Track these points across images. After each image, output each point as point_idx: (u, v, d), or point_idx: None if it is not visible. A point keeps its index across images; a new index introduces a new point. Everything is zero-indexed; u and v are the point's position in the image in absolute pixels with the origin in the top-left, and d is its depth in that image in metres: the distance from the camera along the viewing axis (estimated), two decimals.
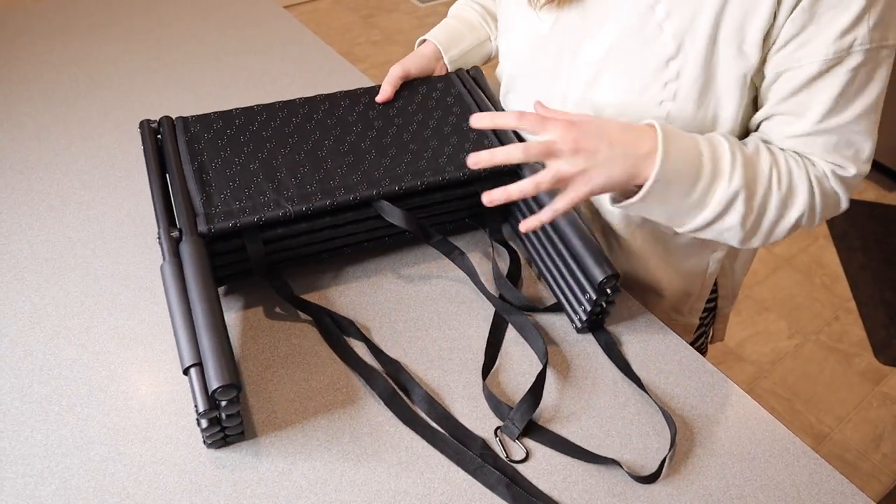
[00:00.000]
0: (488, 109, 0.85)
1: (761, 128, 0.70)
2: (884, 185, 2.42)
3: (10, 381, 0.71)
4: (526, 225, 0.66)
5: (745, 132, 0.73)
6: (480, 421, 0.70)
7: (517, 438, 0.68)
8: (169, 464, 0.65)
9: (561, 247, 0.75)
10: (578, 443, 0.68)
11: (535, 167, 0.77)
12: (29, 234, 0.88)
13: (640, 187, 0.64)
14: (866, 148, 0.67)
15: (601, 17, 0.70)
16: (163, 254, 0.68)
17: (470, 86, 0.90)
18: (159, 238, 0.69)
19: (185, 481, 0.63)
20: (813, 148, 0.67)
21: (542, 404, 0.71)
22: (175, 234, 0.69)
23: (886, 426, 1.71)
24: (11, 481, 0.63)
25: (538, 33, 0.76)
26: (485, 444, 0.67)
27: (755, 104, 0.71)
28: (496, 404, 0.70)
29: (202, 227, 0.70)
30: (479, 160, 0.63)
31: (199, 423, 0.62)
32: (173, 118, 0.82)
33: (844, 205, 0.70)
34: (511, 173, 0.81)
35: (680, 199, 0.65)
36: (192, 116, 0.82)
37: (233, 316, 0.78)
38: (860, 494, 0.65)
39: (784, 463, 0.67)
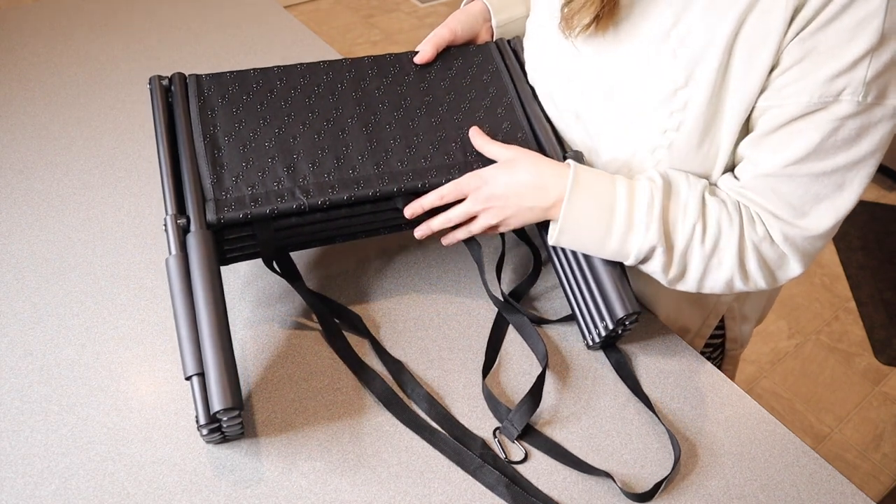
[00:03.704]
0: (524, 91, 0.80)
1: (737, 164, 0.67)
2: (884, 185, 2.42)
3: (10, 381, 0.71)
4: (447, 241, 0.76)
5: None
6: (480, 421, 0.70)
7: (516, 440, 0.68)
8: (169, 464, 0.65)
9: (586, 268, 0.72)
10: (577, 446, 0.68)
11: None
12: (29, 234, 0.88)
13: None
14: (838, 207, 0.61)
15: (620, 39, 0.68)
16: (168, 245, 0.65)
17: (510, 62, 0.83)
18: (165, 226, 0.66)
19: (185, 481, 0.63)
20: (772, 194, 0.63)
21: (543, 406, 0.71)
22: (182, 221, 0.66)
23: (886, 426, 1.71)
24: (11, 481, 0.63)
25: (558, 47, 0.75)
26: (484, 445, 0.67)
27: None
28: (495, 405, 0.70)
29: (211, 217, 0.66)
30: (414, 212, 0.72)
31: (199, 431, 0.61)
32: (186, 75, 0.75)
33: (797, 268, 0.65)
34: None
35: (598, 245, 0.67)
36: (207, 75, 0.75)
37: (234, 315, 0.78)
38: (860, 494, 0.65)
39: (784, 463, 0.67)
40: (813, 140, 0.58)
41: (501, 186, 0.69)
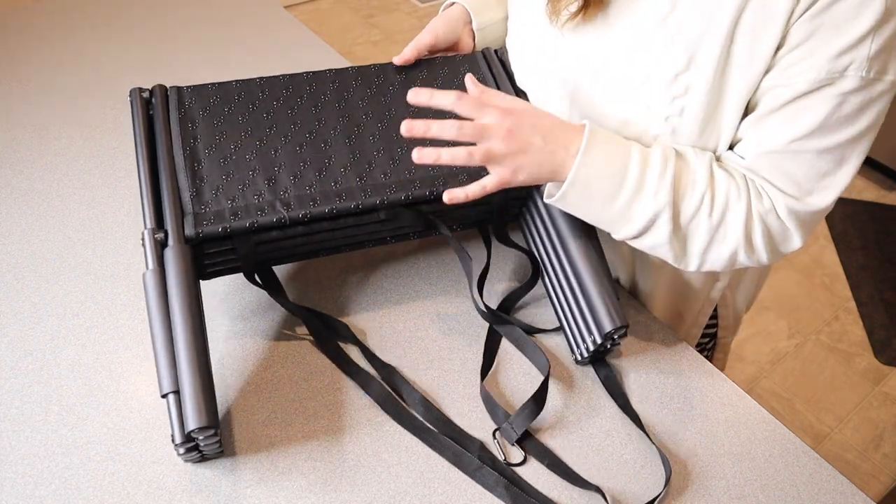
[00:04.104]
0: None
1: (737, 144, 0.67)
2: (884, 185, 2.41)
3: (10, 381, 0.71)
4: (450, 195, 0.64)
5: None
6: (477, 423, 0.70)
7: (514, 443, 0.68)
8: (169, 464, 0.65)
9: (574, 281, 0.71)
10: (570, 456, 0.67)
11: (541, 190, 0.74)
12: (29, 234, 0.88)
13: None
14: (838, 182, 0.63)
15: (610, 23, 0.68)
16: (146, 259, 0.64)
17: (497, 71, 0.81)
18: (143, 240, 0.65)
19: (185, 481, 0.64)
20: (777, 171, 0.63)
21: (540, 414, 0.70)
22: (160, 236, 0.65)
23: (886, 426, 1.71)
24: (11, 481, 0.63)
25: (546, 36, 0.74)
26: (482, 447, 0.67)
27: None
28: (493, 408, 0.70)
29: (189, 231, 0.65)
30: (422, 156, 0.61)
31: (176, 450, 0.61)
32: (167, 87, 0.74)
33: (798, 241, 0.66)
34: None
35: (603, 206, 0.64)
36: (188, 87, 0.74)
37: (234, 314, 0.78)
38: (860, 494, 0.65)
39: (784, 463, 0.67)
40: (818, 116, 0.59)
41: (530, 120, 0.63)
